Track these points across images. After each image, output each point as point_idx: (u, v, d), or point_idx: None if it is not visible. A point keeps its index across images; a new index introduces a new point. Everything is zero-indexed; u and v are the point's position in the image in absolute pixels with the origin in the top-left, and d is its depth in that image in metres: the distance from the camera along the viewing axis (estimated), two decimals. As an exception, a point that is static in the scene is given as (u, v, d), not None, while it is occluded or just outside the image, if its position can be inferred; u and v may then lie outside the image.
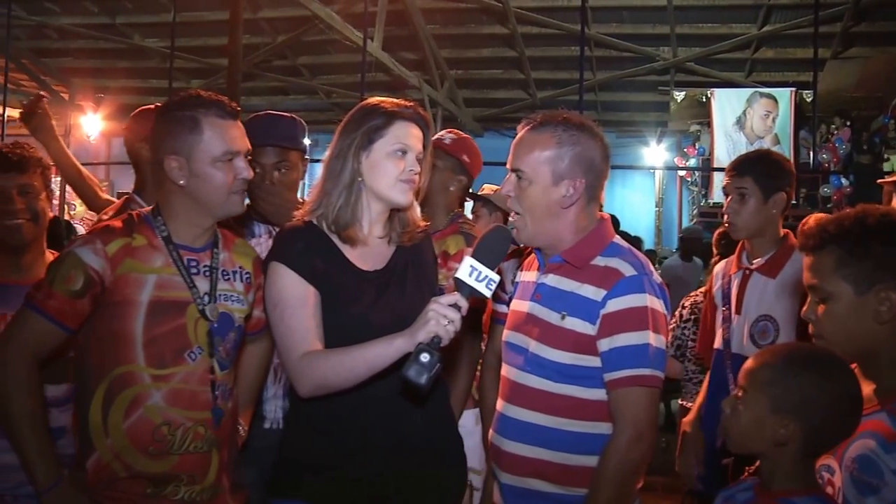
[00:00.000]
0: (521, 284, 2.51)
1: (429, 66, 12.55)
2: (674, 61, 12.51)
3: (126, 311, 2.22)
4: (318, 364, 2.14)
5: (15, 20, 11.19)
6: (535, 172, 2.30)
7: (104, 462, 2.22)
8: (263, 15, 11.83)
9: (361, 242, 2.32)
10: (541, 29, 11.99)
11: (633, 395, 2.21)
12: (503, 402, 2.39)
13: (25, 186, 2.62)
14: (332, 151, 2.33)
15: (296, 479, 2.30)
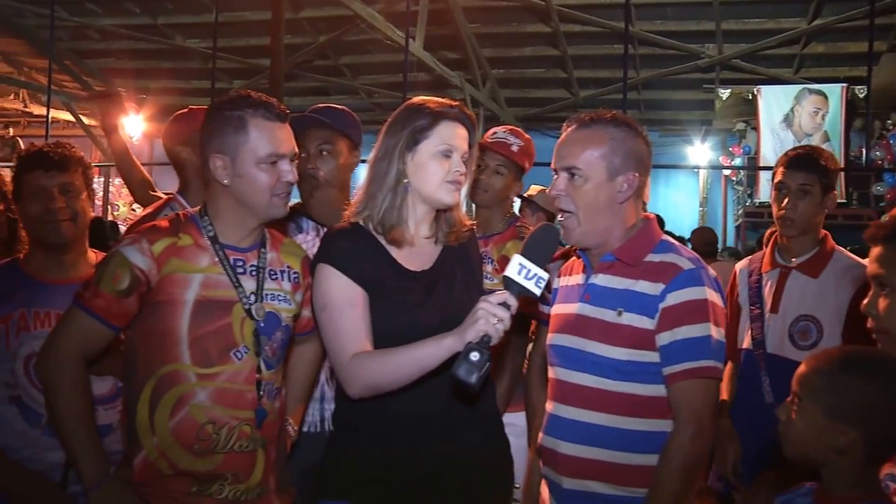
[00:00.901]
0: (562, 289, 2.49)
1: (471, 66, 12.51)
2: (719, 58, 12.33)
3: (171, 310, 2.22)
4: (368, 365, 2.14)
5: (58, 21, 11.32)
6: (590, 169, 2.29)
7: (150, 460, 2.23)
8: (305, 15, 11.87)
9: (408, 243, 2.31)
10: (583, 27, 11.90)
11: (695, 387, 2.20)
12: (555, 403, 2.37)
13: (66, 185, 2.62)
14: (376, 153, 2.32)
15: (342, 480, 2.29)
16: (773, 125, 12.76)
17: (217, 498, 2.25)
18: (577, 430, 2.29)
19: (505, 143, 3.41)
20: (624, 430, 2.24)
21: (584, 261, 2.41)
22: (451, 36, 11.74)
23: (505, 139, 3.43)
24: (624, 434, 2.24)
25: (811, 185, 3.08)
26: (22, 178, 2.63)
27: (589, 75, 13.55)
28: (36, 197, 2.59)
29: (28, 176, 2.61)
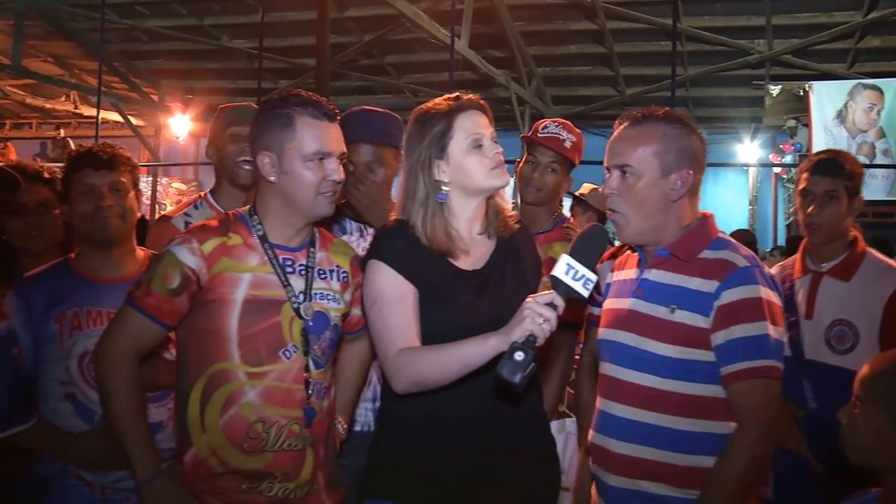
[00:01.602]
0: (615, 283, 2.47)
1: (516, 64, 12.45)
2: (769, 54, 12.11)
3: (221, 309, 2.25)
4: (414, 360, 2.15)
5: (107, 24, 11.46)
6: (643, 167, 2.28)
7: (201, 457, 2.26)
8: (350, 14, 11.89)
9: (461, 250, 2.31)
10: (630, 24, 11.77)
11: (755, 388, 2.17)
12: (606, 400, 2.35)
13: (116, 184, 2.65)
14: (404, 172, 2.34)
15: (388, 479, 2.30)
16: (825, 122, 12.50)
17: (267, 496, 2.27)
18: (627, 428, 2.27)
19: (557, 138, 3.34)
20: (674, 429, 2.22)
21: (640, 255, 2.40)
22: (496, 34, 11.69)
23: (557, 134, 3.35)
24: (674, 434, 2.22)
25: (836, 190, 3.06)
26: (72, 178, 2.66)
27: (635, 73, 13.41)
28: (86, 195, 2.62)
29: (78, 175, 2.64)
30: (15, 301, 2.59)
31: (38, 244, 2.96)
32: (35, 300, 2.59)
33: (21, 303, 2.58)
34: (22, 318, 2.57)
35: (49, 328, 2.58)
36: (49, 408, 2.60)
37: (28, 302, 2.58)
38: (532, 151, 3.35)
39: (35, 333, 2.58)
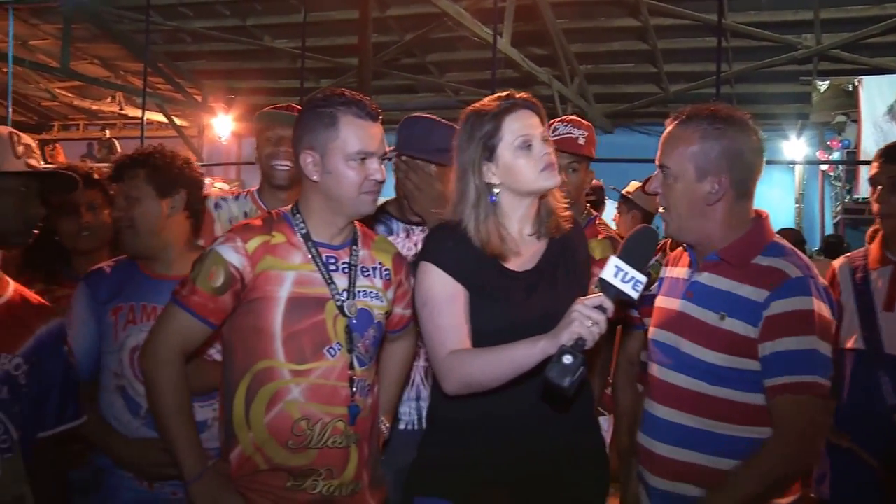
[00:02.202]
0: (667, 280, 2.44)
1: (558, 62, 12.35)
2: (817, 49, 11.88)
3: (265, 307, 2.27)
4: (465, 362, 2.16)
5: (152, 25, 11.58)
6: (679, 168, 2.25)
7: (246, 455, 2.28)
8: (391, 13, 11.89)
9: (512, 251, 2.31)
10: (674, 20, 11.62)
11: (796, 403, 2.10)
12: (652, 402, 2.33)
13: (125, 193, 2.71)
14: (455, 173, 2.34)
15: (437, 476, 2.32)
16: (875, 117, 12.24)
17: (311, 493, 2.28)
18: (673, 432, 2.25)
19: (570, 138, 3.30)
20: (720, 434, 2.19)
21: (690, 255, 2.37)
22: (538, 32, 11.59)
23: (569, 133, 3.31)
24: (720, 439, 2.18)
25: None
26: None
27: (679, 69, 13.23)
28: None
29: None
30: (83, 289, 2.69)
31: (89, 245, 3.01)
32: (100, 290, 2.68)
33: (88, 291, 2.68)
34: (90, 305, 2.67)
35: (107, 320, 2.66)
36: (105, 400, 2.66)
37: (94, 291, 2.67)
38: None
39: (98, 321, 2.66)
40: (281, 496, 2.27)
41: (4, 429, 2.19)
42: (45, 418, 2.33)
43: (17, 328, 2.26)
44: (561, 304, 2.13)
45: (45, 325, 2.32)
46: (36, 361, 2.27)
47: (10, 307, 2.27)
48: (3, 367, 2.19)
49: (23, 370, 2.23)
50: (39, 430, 2.31)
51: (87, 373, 2.68)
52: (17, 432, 2.22)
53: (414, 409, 2.97)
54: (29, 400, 2.26)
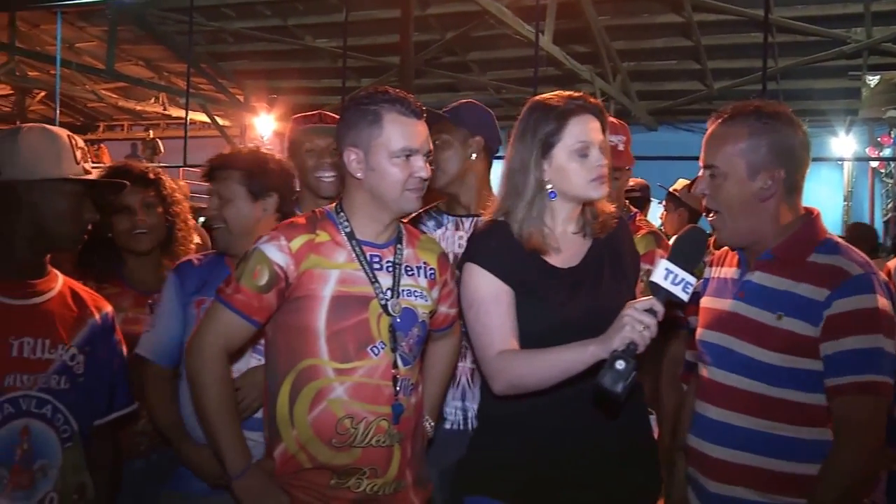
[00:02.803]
0: (714, 280, 2.40)
1: (601, 59, 12.28)
2: (867, 43, 11.64)
3: (309, 305, 2.27)
4: (514, 363, 2.16)
5: (195, 26, 11.69)
6: (729, 167, 2.22)
7: (290, 453, 2.28)
8: (432, 11, 11.89)
9: (553, 248, 2.30)
10: (718, 16, 11.49)
11: (861, 404, 2.07)
12: (705, 403, 2.30)
13: (217, 193, 2.75)
14: (510, 163, 2.33)
15: (487, 476, 2.33)
16: (929, 112, 12.03)
17: (355, 491, 2.28)
18: (726, 433, 2.22)
19: (610, 146, 3.23)
20: (775, 435, 2.16)
21: (740, 255, 2.33)
22: (580, 29, 11.53)
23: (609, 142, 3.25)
24: (775, 440, 2.16)
25: None
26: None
27: (724, 66, 13.08)
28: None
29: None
30: (173, 279, 2.76)
31: (143, 245, 3.03)
32: (187, 282, 2.74)
33: (178, 281, 2.74)
34: (178, 295, 2.72)
35: (191, 311, 2.70)
36: (184, 390, 2.65)
37: (182, 281, 2.74)
38: None
39: (184, 313, 2.71)
40: (324, 494, 2.28)
41: (64, 419, 2.25)
42: (99, 406, 2.40)
43: (71, 320, 2.32)
44: (606, 302, 2.17)
45: (97, 315, 2.39)
46: (90, 351, 2.33)
47: (61, 299, 2.33)
48: (60, 358, 2.25)
49: (78, 360, 2.29)
50: (95, 418, 2.38)
51: (171, 361, 2.73)
52: (77, 422, 2.28)
53: (459, 410, 2.96)
54: (85, 390, 2.32)
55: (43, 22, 14.07)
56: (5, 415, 2.17)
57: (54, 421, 2.24)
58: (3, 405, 2.16)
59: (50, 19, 13.51)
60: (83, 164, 2.29)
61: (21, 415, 2.18)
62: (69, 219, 2.27)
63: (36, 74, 15.94)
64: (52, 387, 2.23)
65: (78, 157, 2.28)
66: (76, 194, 2.28)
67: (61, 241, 2.31)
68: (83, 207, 2.30)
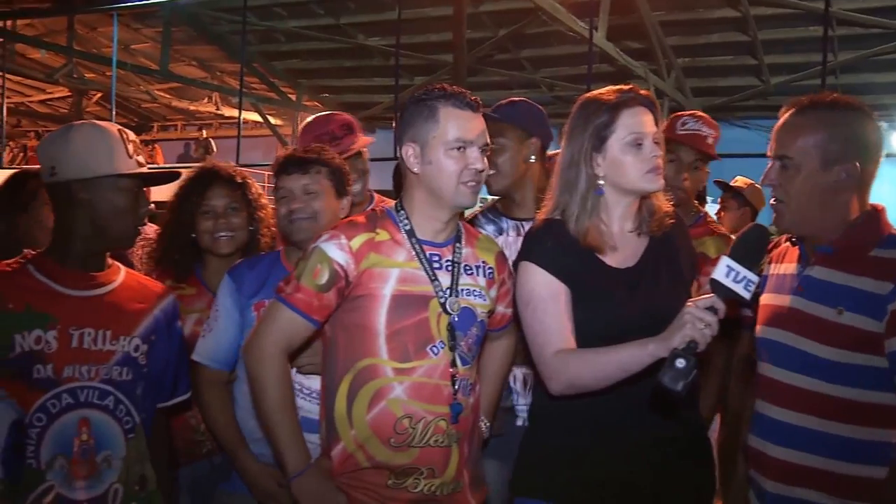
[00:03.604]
0: (773, 277, 2.35)
1: (655, 55, 12.17)
2: (931, 35, 11.41)
3: (369, 304, 2.28)
4: (571, 363, 2.15)
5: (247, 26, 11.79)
6: (802, 158, 2.17)
7: (348, 452, 2.29)
8: (485, 9, 11.88)
9: (609, 246, 2.29)
10: (775, 9, 11.31)
11: None
12: (765, 403, 2.26)
13: (307, 187, 2.73)
14: (563, 160, 2.33)
15: (540, 477, 2.32)
16: None
17: (412, 492, 2.29)
18: (788, 433, 2.18)
19: (699, 135, 3.28)
20: (839, 436, 2.10)
21: (800, 248, 2.28)
22: (634, 25, 11.45)
23: (699, 131, 3.30)
24: (839, 440, 2.11)
25: None
26: (276, 182, 2.77)
27: (781, 61, 12.87)
28: (282, 199, 2.73)
29: (278, 179, 2.76)
30: (228, 283, 2.74)
31: (225, 247, 3.02)
32: (245, 284, 2.73)
33: (234, 285, 2.73)
34: (234, 298, 2.71)
35: (250, 314, 2.69)
36: (241, 390, 2.68)
37: (238, 285, 2.73)
38: (672, 149, 3.24)
39: (242, 314, 2.70)
40: (382, 494, 2.28)
41: (127, 410, 2.29)
42: (161, 391, 2.45)
43: (133, 310, 2.35)
44: (664, 302, 2.16)
45: (159, 304, 2.43)
46: (153, 341, 2.37)
47: (124, 290, 2.35)
48: (123, 349, 2.29)
49: (142, 350, 2.33)
50: (157, 402, 2.44)
51: (228, 365, 2.73)
52: (140, 414, 2.32)
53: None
54: (148, 380, 2.36)
55: (100, 24, 14.33)
56: (64, 405, 2.19)
57: (117, 412, 2.26)
58: (61, 395, 2.18)
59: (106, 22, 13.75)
60: (136, 157, 2.29)
61: (80, 406, 2.21)
62: (126, 214, 2.29)
63: (92, 76, 16.23)
64: (114, 378, 2.26)
65: (130, 150, 2.28)
66: (131, 189, 2.29)
67: (119, 236, 2.32)
68: (138, 201, 2.31)
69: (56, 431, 2.18)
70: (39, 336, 2.17)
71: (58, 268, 2.26)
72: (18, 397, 2.15)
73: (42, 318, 2.18)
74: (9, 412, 2.13)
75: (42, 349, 2.16)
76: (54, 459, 2.17)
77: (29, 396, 2.15)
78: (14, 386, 2.14)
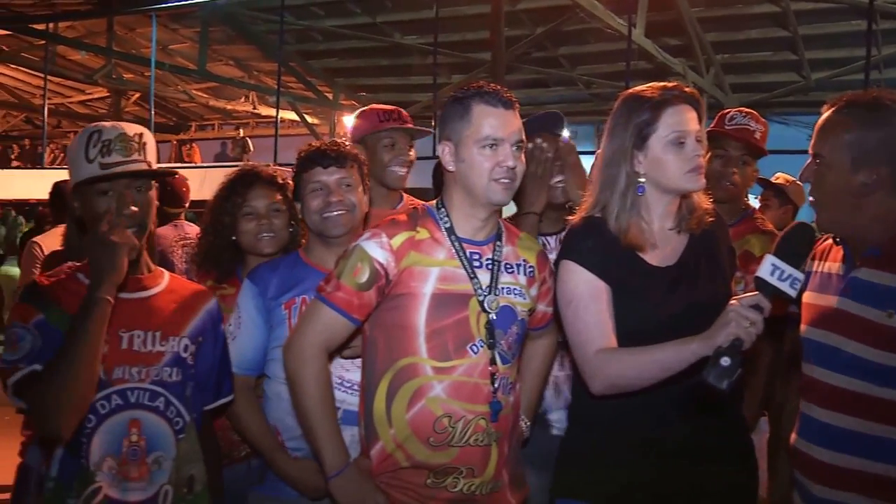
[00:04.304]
0: (816, 275, 2.30)
1: (693, 52, 12.10)
2: (979, 28, 11.21)
3: (410, 303, 2.27)
4: (613, 361, 2.13)
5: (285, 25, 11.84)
6: (833, 157, 2.14)
7: (387, 451, 2.28)
8: (523, 6, 11.87)
9: (650, 244, 2.28)
10: (816, 4, 11.19)
11: None
12: (810, 404, 2.22)
13: (343, 180, 2.72)
14: (603, 157, 2.32)
15: (579, 478, 2.30)
16: None
17: (451, 491, 2.27)
18: (834, 436, 2.13)
19: (748, 129, 3.24)
20: (888, 439, 2.05)
21: (844, 249, 2.23)
22: (672, 21, 11.38)
23: (747, 125, 3.25)
24: (884, 444, 2.05)
25: None
26: (302, 176, 2.75)
27: (822, 56, 12.74)
28: (316, 192, 2.71)
29: (308, 174, 2.73)
30: (250, 287, 2.72)
31: (267, 248, 3.02)
32: (270, 285, 2.71)
33: (256, 289, 2.71)
34: (256, 302, 2.69)
35: (280, 313, 2.68)
36: (273, 391, 2.68)
37: (261, 287, 2.71)
38: (720, 145, 3.23)
39: (266, 317, 2.69)
40: (421, 493, 2.27)
41: (177, 412, 2.29)
42: (208, 395, 2.46)
43: (181, 311, 2.36)
44: (705, 300, 2.15)
45: (205, 305, 2.44)
46: (200, 342, 2.39)
47: (171, 292, 2.37)
48: (172, 350, 2.30)
49: (190, 351, 2.34)
50: (203, 405, 2.44)
51: (255, 369, 2.72)
52: (189, 414, 2.32)
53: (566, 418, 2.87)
54: (196, 381, 2.37)
55: (138, 25, 14.49)
56: (113, 406, 2.20)
57: (168, 413, 2.27)
58: (111, 397, 2.20)
59: (145, 22, 13.90)
60: (101, 159, 2.22)
61: (129, 407, 2.22)
62: (101, 219, 2.22)
63: (131, 76, 16.42)
64: (164, 379, 2.27)
65: (91, 154, 2.22)
66: (105, 192, 2.24)
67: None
68: (119, 205, 2.23)
69: (105, 432, 2.19)
70: None
71: None
72: None
73: None
74: None
75: None
76: (103, 460, 2.18)
77: None
78: None
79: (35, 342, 2.11)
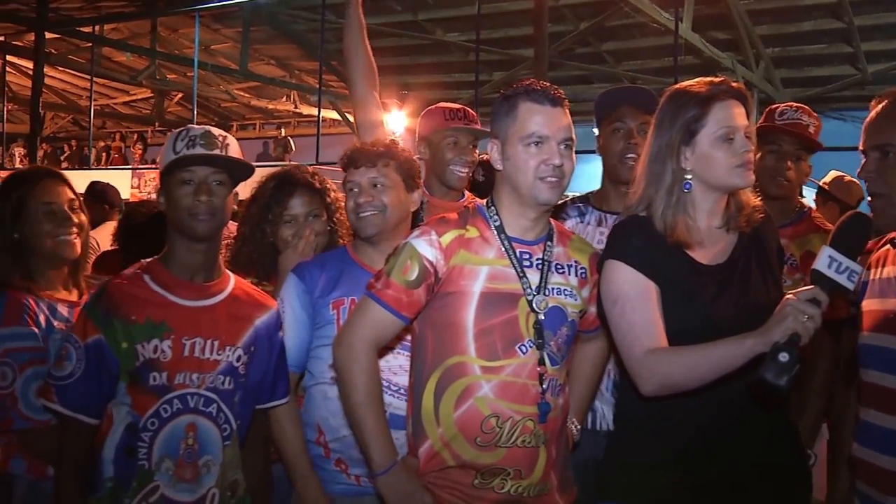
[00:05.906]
0: (876, 282, 2.23)
1: (742, 46, 11.96)
2: None
3: (458, 301, 2.27)
4: (664, 362, 2.10)
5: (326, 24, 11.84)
6: None
7: (435, 450, 2.28)
8: (566, 2, 11.83)
9: (697, 242, 2.23)
10: (874, -8, 10.90)
11: None
12: (873, 410, 2.15)
13: (375, 180, 2.72)
14: (649, 153, 2.29)
15: (626, 481, 2.27)
16: None
17: (498, 492, 2.27)
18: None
19: (801, 123, 3.15)
20: None
21: None
22: (720, 14, 11.28)
23: (799, 119, 3.17)
24: None
25: None
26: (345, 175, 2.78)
27: (879, 48, 12.49)
28: (348, 193, 2.74)
29: (346, 173, 2.76)
30: (295, 283, 2.72)
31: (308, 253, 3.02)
32: (317, 283, 2.71)
33: (301, 285, 2.71)
34: (301, 299, 2.70)
35: (327, 312, 2.69)
36: (317, 389, 2.68)
37: (308, 284, 2.71)
38: (772, 140, 3.16)
39: (311, 314, 2.69)
40: (467, 493, 2.27)
41: (226, 418, 2.37)
42: (259, 396, 2.51)
43: (240, 321, 2.43)
44: (757, 299, 2.13)
45: (262, 316, 2.50)
46: (252, 352, 2.45)
47: (233, 300, 2.45)
48: (227, 359, 2.37)
49: (243, 361, 2.41)
50: (254, 406, 2.51)
51: (299, 366, 2.72)
52: (236, 421, 2.40)
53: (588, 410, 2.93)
54: (247, 390, 2.44)
55: (181, 26, 14.64)
56: (174, 410, 2.29)
57: (218, 419, 2.35)
58: (172, 401, 2.29)
59: (188, 23, 14.02)
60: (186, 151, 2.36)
61: (188, 411, 2.31)
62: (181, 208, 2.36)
63: (174, 77, 16.59)
64: (218, 387, 2.35)
65: (178, 147, 2.36)
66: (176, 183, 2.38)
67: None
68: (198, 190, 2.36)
69: (166, 435, 2.28)
70: (157, 345, 2.29)
71: (168, 276, 2.37)
72: (135, 402, 2.28)
73: (159, 328, 2.30)
74: (125, 417, 2.27)
75: (158, 357, 2.28)
76: (162, 461, 2.28)
77: (145, 402, 2.28)
78: (133, 391, 2.28)
79: (77, 367, 2.25)
